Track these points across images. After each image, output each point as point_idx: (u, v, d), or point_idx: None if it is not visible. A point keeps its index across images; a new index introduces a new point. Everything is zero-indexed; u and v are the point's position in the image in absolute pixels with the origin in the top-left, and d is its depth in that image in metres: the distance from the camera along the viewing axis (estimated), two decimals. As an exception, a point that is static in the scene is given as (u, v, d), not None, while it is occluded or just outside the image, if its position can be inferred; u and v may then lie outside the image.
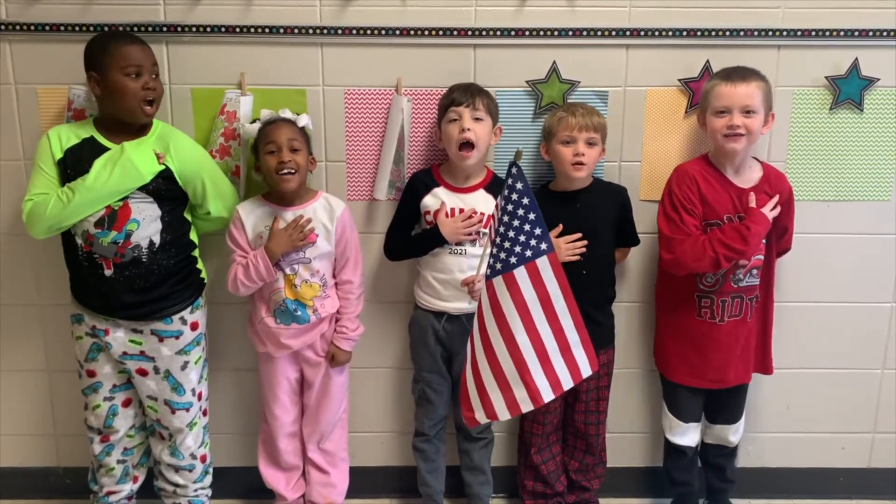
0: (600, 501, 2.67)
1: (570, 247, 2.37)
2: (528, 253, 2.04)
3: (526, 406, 2.10)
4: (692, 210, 2.33)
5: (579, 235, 2.38)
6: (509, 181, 2.02)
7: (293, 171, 2.29)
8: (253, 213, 2.38)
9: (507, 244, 2.04)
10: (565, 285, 2.08)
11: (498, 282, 2.05)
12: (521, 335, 2.06)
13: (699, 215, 2.34)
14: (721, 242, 2.26)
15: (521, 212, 2.03)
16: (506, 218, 2.04)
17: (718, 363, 2.42)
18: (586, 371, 2.14)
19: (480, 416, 2.14)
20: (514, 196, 2.02)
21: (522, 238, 2.04)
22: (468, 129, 2.30)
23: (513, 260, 2.04)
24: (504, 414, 2.11)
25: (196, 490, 2.52)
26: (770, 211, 2.31)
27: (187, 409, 2.41)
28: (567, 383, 2.12)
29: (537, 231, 2.04)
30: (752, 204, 2.31)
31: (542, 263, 2.05)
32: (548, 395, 2.10)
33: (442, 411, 2.54)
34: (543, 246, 2.05)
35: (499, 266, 2.05)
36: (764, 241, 2.35)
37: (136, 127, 2.27)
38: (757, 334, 2.47)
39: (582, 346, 2.12)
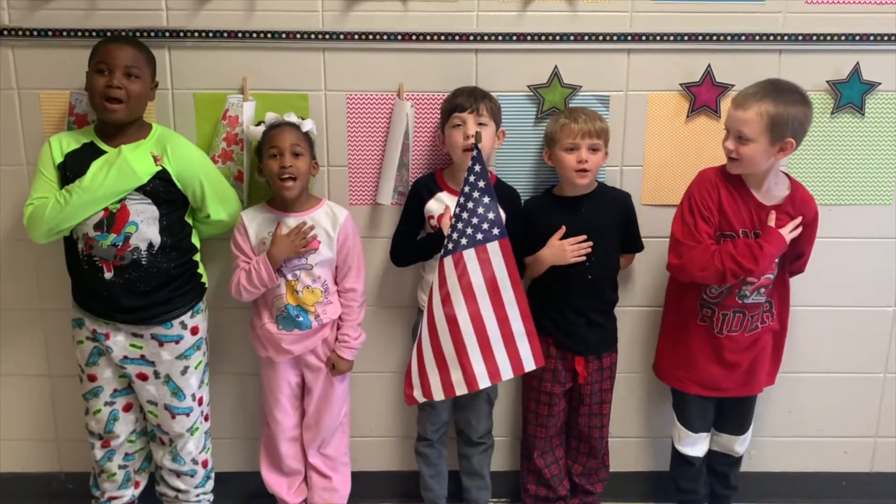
0: (602, 505, 2.67)
1: (575, 248, 2.37)
2: (479, 236, 2.06)
3: (461, 389, 2.12)
4: (708, 217, 2.28)
5: (585, 237, 2.38)
6: (469, 162, 2.02)
7: (294, 176, 2.30)
8: (256, 219, 2.38)
9: (460, 225, 2.05)
10: (515, 274, 2.09)
11: (448, 262, 2.06)
12: (464, 318, 2.08)
13: (715, 224, 2.29)
14: (731, 257, 2.21)
15: (476, 194, 2.04)
16: (461, 199, 2.04)
17: (715, 371, 2.39)
18: (529, 365, 2.15)
19: (418, 394, 2.18)
20: (472, 178, 2.03)
21: (475, 220, 2.05)
22: (473, 136, 2.30)
23: (463, 241, 2.05)
24: (439, 394, 2.15)
25: (198, 495, 2.52)
26: (789, 232, 2.26)
27: (187, 414, 2.41)
28: (506, 374, 2.14)
29: (490, 216, 2.05)
30: (772, 223, 2.25)
31: (493, 248, 2.07)
32: (484, 382, 2.12)
33: (444, 416, 2.54)
34: (496, 231, 2.06)
35: (450, 246, 2.06)
36: (776, 260, 2.31)
37: (132, 130, 2.27)
38: (770, 350, 2.44)
39: (527, 338, 2.12)
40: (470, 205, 2.04)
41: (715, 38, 2.41)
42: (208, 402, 2.49)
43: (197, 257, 2.40)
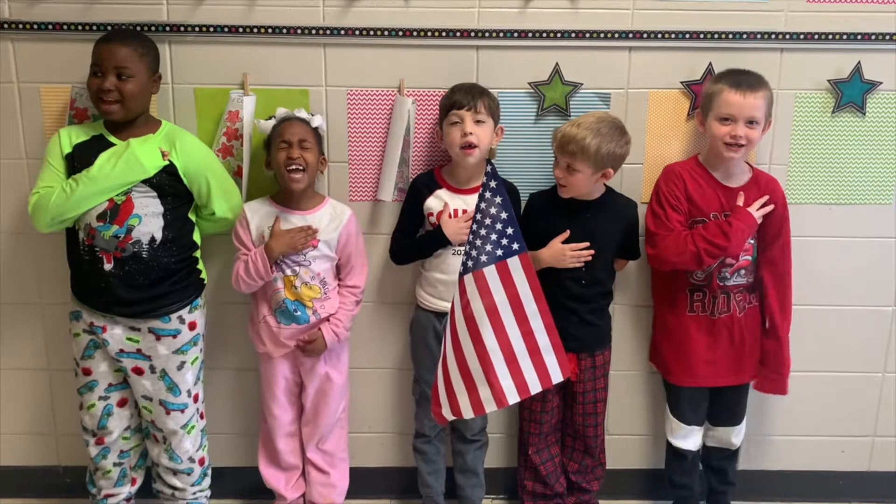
0: (600, 503, 2.67)
1: (575, 254, 2.37)
2: (499, 252, 2.05)
3: (490, 406, 2.12)
4: (677, 206, 2.35)
5: (587, 244, 2.38)
6: (483, 179, 2.03)
7: (301, 167, 2.30)
8: (258, 212, 2.39)
9: (478, 242, 2.04)
10: (537, 287, 2.08)
11: (469, 280, 2.06)
12: (489, 335, 2.07)
13: (685, 212, 2.36)
14: (703, 238, 2.28)
15: (493, 210, 2.03)
16: (479, 216, 2.04)
17: (710, 358, 2.43)
18: (557, 377, 2.14)
19: (447, 413, 2.16)
20: (488, 194, 2.03)
21: (494, 237, 2.04)
22: (470, 134, 2.30)
23: (483, 258, 2.04)
24: (468, 412, 2.13)
25: (195, 493, 2.51)
26: (757, 210, 2.32)
27: (182, 411, 2.40)
28: (535, 387, 2.13)
29: (509, 230, 2.04)
30: (740, 202, 2.33)
31: (514, 263, 2.05)
32: (513, 398, 2.11)
33: (443, 412, 2.54)
34: (515, 246, 2.05)
35: (470, 264, 2.05)
36: (752, 241, 2.36)
37: (141, 124, 2.28)
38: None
39: (553, 350, 2.12)
40: (488, 221, 2.03)
41: (716, 36, 2.41)
42: (203, 399, 2.49)
43: (197, 254, 2.40)
